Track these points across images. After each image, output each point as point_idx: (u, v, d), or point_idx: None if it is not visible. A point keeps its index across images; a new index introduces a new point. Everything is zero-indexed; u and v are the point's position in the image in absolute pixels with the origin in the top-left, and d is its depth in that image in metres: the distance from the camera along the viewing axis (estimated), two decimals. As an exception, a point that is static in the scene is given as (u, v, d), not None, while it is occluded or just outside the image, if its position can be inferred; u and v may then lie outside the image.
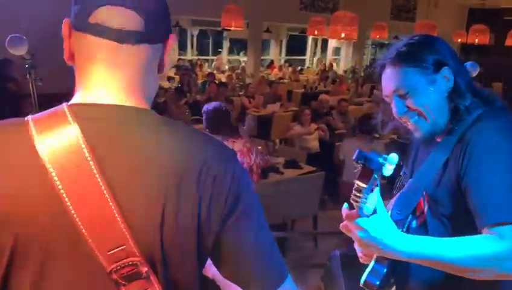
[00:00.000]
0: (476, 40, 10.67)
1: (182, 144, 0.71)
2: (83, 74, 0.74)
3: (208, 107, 3.34)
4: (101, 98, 0.72)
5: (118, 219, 0.66)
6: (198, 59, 14.78)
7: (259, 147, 4.81)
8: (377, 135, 6.12)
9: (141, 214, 0.68)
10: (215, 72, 13.22)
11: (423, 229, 1.23)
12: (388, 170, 0.93)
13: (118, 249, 0.66)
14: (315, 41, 17.03)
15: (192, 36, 15.46)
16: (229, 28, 8.13)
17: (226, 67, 14.12)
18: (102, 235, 0.66)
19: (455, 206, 1.12)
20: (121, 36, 0.70)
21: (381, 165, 0.92)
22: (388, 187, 1.66)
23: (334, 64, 15.37)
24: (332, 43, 16.38)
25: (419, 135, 1.17)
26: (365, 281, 1.16)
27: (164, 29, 0.76)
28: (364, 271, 1.97)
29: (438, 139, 1.20)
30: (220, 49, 15.98)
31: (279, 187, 4.11)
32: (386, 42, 16.80)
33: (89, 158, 0.66)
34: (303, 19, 10.02)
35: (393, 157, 0.92)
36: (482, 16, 13.41)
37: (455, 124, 1.13)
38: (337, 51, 17.00)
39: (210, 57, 15.92)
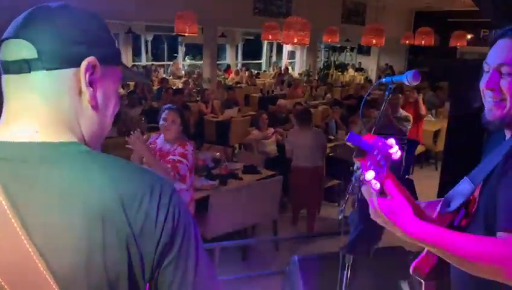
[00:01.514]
0: (422, 41, 11.16)
1: (107, 179, 0.67)
2: (3, 109, 0.72)
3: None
4: (16, 135, 0.68)
5: (39, 265, 0.62)
6: (153, 64, 14.56)
7: (218, 154, 4.82)
8: (332, 137, 6.27)
9: (64, 258, 0.63)
10: (171, 77, 13.08)
11: (470, 228, 1.17)
12: (394, 154, 0.96)
13: None
14: (270, 45, 17.21)
15: (146, 41, 15.22)
16: (183, 34, 8.06)
17: (183, 72, 13.98)
18: (24, 285, 0.62)
19: (491, 208, 1.07)
20: (14, 67, 0.69)
21: (373, 148, 0.94)
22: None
23: (290, 68, 15.60)
24: (287, 47, 16.62)
25: (489, 117, 1.11)
26: (414, 267, 1.16)
27: (71, 54, 0.70)
28: (323, 275, 2.03)
29: (508, 136, 1.13)
30: (175, 54, 15.82)
31: (238, 193, 4.12)
32: (338, 45, 17.25)
33: (3, 203, 0.62)
34: (257, 23, 10.10)
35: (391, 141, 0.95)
36: (428, 19, 14.06)
37: None
38: (292, 54, 17.27)
39: (165, 63, 15.72)
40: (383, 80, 1.47)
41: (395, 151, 0.99)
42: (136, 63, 14.05)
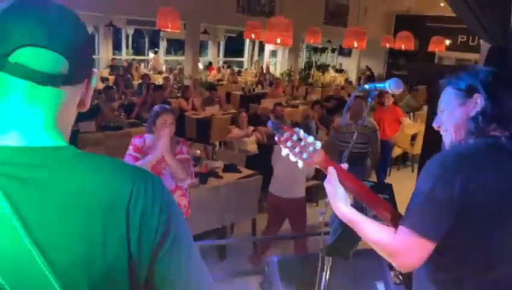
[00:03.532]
0: (402, 45, 11.34)
1: (104, 178, 0.70)
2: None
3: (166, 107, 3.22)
4: (15, 140, 0.68)
5: (38, 260, 0.63)
6: (134, 59, 14.36)
7: (198, 151, 4.80)
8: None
9: (64, 254, 0.65)
10: (151, 72, 12.92)
11: None
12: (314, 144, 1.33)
13: None
14: (253, 43, 17.19)
15: (127, 35, 15.00)
16: (165, 30, 7.99)
17: (164, 68, 13.82)
18: (22, 280, 0.63)
19: None
20: (44, 78, 0.68)
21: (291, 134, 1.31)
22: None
23: (272, 67, 15.62)
24: (269, 46, 16.63)
25: (445, 145, 1.36)
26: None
27: (87, 69, 0.76)
28: (302, 276, 2.09)
29: None
30: (156, 49, 15.63)
31: (218, 192, 4.12)
32: (320, 46, 17.37)
33: (3, 205, 0.63)
34: (240, 21, 10.08)
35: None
36: (408, 23, 14.27)
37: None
38: (274, 53, 17.29)
39: (146, 57, 15.52)
40: (366, 86, 1.50)
41: (312, 142, 1.31)
42: (116, 57, 13.82)
